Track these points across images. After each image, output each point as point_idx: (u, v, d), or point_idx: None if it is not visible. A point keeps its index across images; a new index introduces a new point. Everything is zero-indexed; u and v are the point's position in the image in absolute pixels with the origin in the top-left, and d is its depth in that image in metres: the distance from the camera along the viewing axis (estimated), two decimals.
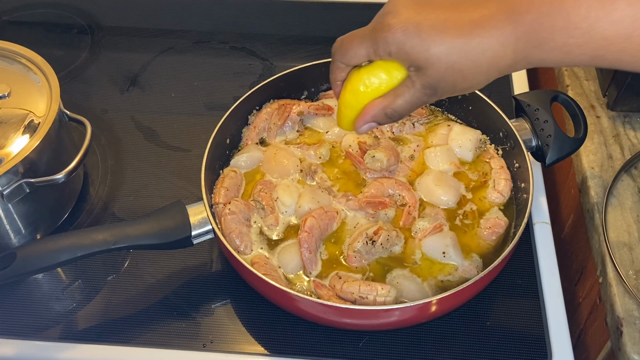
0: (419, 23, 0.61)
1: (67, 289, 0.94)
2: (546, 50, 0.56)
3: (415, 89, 0.65)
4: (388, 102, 0.68)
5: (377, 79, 0.68)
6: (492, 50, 0.58)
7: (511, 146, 0.97)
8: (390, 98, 0.68)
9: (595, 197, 0.96)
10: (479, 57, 0.59)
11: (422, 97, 0.66)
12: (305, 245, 0.87)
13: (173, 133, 1.14)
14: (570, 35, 0.54)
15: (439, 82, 0.63)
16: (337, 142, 1.02)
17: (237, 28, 1.35)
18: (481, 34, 0.58)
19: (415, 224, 0.91)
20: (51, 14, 1.39)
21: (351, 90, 0.71)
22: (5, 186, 0.87)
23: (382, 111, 0.69)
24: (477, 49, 0.59)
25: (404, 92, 0.66)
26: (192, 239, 0.87)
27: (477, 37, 0.58)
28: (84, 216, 1.02)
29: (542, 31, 0.55)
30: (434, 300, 0.79)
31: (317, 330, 0.87)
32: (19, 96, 0.96)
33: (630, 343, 0.81)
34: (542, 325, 0.87)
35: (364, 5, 1.38)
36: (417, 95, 0.66)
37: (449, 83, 0.62)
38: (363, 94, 0.70)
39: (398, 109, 0.68)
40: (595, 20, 0.53)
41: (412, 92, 0.66)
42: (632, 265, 0.88)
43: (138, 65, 1.27)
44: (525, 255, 0.94)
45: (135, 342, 0.87)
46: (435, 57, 0.60)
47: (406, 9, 0.62)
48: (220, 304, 0.91)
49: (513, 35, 0.57)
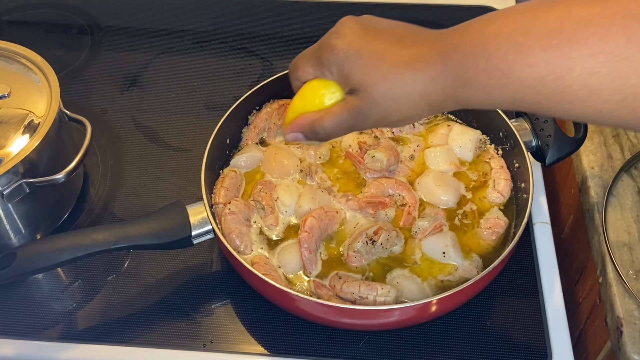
0: (360, 48, 0.64)
1: (67, 289, 0.94)
2: (471, 90, 0.58)
3: (346, 111, 0.67)
4: (317, 118, 0.69)
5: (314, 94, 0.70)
6: (423, 84, 0.61)
7: (511, 146, 0.97)
8: (321, 115, 0.69)
9: (595, 197, 0.96)
10: (411, 89, 0.61)
11: (350, 121, 0.67)
12: (305, 245, 0.87)
13: (173, 133, 1.14)
14: (491, 77, 0.56)
15: (371, 107, 0.64)
16: (337, 142, 1.01)
17: (237, 28, 1.35)
18: (415, 66, 0.61)
19: (415, 224, 0.91)
20: (51, 14, 1.39)
21: (297, 98, 0.73)
22: (5, 186, 0.87)
23: (310, 125, 0.70)
24: (410, 80, 0.61)
25: (335, 112, 0.68)
26: (192, 239, 0.87)
27: (411, 69, 0.61)
28: (84, 216, 1.02)
29: (467, 71, 0.58)
30: (434, 300, 0.79)
31: (317, 330, 0.87)
32: (19, 96, 0.96)
33: (630, 343, 0.81)
34: (542, 325, 0.87)
35: (364, 5, 1.38)
36: (346, 118, 0.67)
37: (381, 111, 0.64)
38: (302, 105, 0.72)
39: (325, 127, 0.69)
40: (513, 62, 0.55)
41: (342, 114, 0.67)
42: (632, 265, 0.88)
43: (138, 65, 1.27)
44: (525, 255, 0.94)
45: (135, 342, 0.87)
46: (370, 80, 0.63)
47: (352, 32, 0.65)
48: (220, 304, 0.91)
49: (442, 73, 0.59)
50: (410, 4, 1.38)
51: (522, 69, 0.54)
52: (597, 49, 0.50)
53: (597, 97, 0.51)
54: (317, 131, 0.70)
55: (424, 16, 1.35)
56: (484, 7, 1.33)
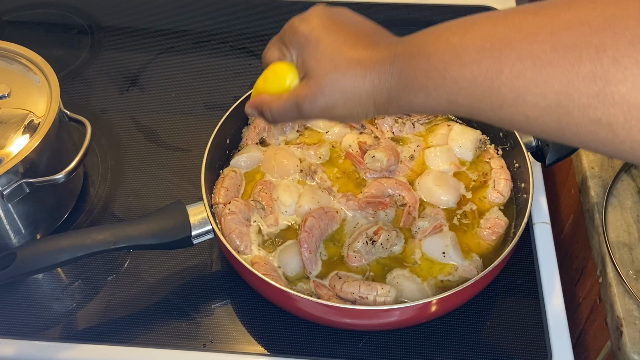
0: (321, 37, 0.66)
1: (67, 289, 0.94)
2: (411, 91, 0.60)
3: (294, 98, 0.68)
4: (268, 102, 0.71)
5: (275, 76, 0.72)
6: (371, 84, 0.62)
7: (511, 146, 0.97)
8: (272, 99, 0.71)
9: (595, 197, 0.96)
10: (360, 86, 0.63)
11: (296, 108, 0.68)
12: (305, 245, 0.87)
13: (173, 133, 1.14)
14: (429, 77, 0.58)
15: (317, 96, 0.65)
16: (337, 142, 1.02)
17: (237, 28, 1.35)
18: (366, 66, 0.62)
19: (415, 224, 0.91)
20: (51, 14, 1.39)
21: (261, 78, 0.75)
22: (5, 186, 0.87)
23: (261, 106, 0.72)
24: (360, 78, 0.62)
25: (283, 98, 0.69)
26: (192, 239, 0.87)
27: (362, 68, 0.62)
28: (84, 216, 1.02)
29: (409, 72, 0.60)
30: (434, 300, 0.79)
31: (317, 330, 0.87)
32: (19, 96, 0.96)
33: (630, 343, 0.81)
34: (542, 325, 0.87)
35: (363, 5, 1.38)
36: (292, 105, 0.68)
37: (327, 101, 0.65)
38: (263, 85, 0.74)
39: (273, 111, 0.71)
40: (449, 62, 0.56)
41: (290, 100, 0.68)
42: (632, 265, 0.88)
43: (138, 65, 1.27)
44: (525, 255, 0.94)
45: (135, 342, 0.87)
46: (322, 69, 0.65)
47: (318, 20, 0.67)
48: (220, 304, 0.91)
49: (390, 73, 0.61)
50: (411, 4, 1.38)
51: (456, 69, 0.56)
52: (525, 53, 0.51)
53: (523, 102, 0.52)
54: (265, 114, 0.72)
55: (424, 16, 1.35)
56: (484, 7, 1.33)
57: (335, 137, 1.02)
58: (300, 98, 0.67)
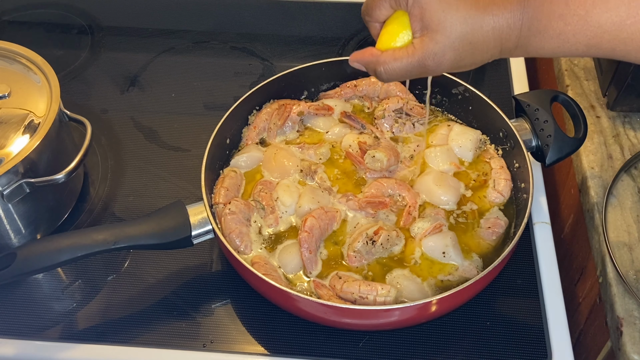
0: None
1: (67, 289, 0.94)
2: (545, 37, 0.59)
3: (416, 56, 0.65)
4: (383, 59, 0.68)
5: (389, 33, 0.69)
6: (500, 29, 0.61)
7: (511, 146, 0.97)
8: (388, 57, 0.68)
9: (595, 197, 0.96)
10: (489, 33, 0.61)
11: (418, 67, 0.66)
12: (305, 245, 0.87)
13: (173, 133, 1.14)
14: (567, 23, 0.57)
15: (445, 51, 0.63)
16: (337, 142, 1.02)
17: (237, 28, 1.35)
18: (494, 11, 0.61)
19: (415, 224, 0.91)
20: (51, 14, 1.39)
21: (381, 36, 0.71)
22: (6, 186, 0.87)
23: (374, 64, 0.70)
24: (489, 24, 0.61)
25: (402, 57, 0.66)
26: (192, 239, 0.87)
27: (491, 14, 0.61)
28: (84, 216, 1.02)
29: (543, 18, 0.58)
30: (434, 300, 0.79)
31: (317, 330, 0.87)
32: (19, 96, 0.96)
33: (630, 343, 0.81)
34: (542, 325, 0.87)
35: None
36: (414, 63, 0.66)
37: (456, 54, 0.63)
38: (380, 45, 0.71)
39: (390, 69, 0.68)
40: (592, 7, 0.56)
41: (411, 58, 0.66)
42: (632, 265, 0.88)
43: (138, 65, 1.27)
44: (525, 255, 0.94)
45: (135, 342, 0.87)
46: (449, 22, 0.62)
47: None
48: (220, 304, 0.91)
49: (519, 20, 0.60)
50: None
51: (601, 14, 0.55)
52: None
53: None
54: (379, 72, 0.69)
55: None
56: None
57: (335, 137, 1.02)
58: (426, 54, 0.64)
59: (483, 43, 0.62)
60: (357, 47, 1.29)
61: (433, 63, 0.65)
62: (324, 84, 1.10)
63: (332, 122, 1.04)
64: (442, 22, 0.62)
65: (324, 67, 1.07)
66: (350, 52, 1.26)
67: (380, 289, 0.82)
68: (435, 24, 0.63)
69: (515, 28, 0.60)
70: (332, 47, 1.30)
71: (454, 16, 0.62)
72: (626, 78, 1.00)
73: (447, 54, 0.63)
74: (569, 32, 0.57)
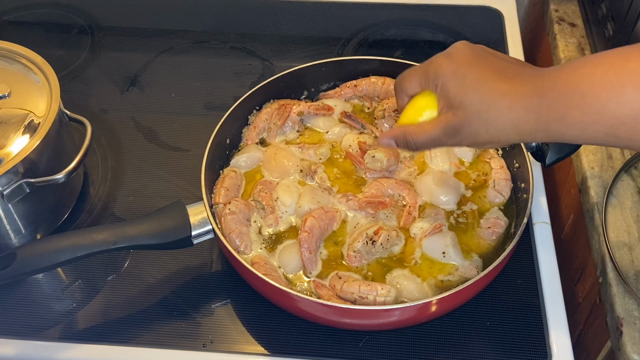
0: (467, 72, 0.70)
1: (67, 289, 0.94)
2: (565, 125, 0.63)
3: (441, 128, 0.73)
4: (412, 132, 0.76)
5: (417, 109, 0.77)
6: (516, 114, 0.66)
7: (511, 146, 0.97)
8: (416, 129, 0.76)
9: (595, 197, 0.96)
10: (504, 114, 0.67)
11: (442, 137, 0.73)
12: (305, 245, 0.87)
13: (173, 133, 1.14)
14: (585, 113, 0.61)
15: (463, 125, 0.70)
16: (337, 142, 1.02)
17: (237, 28, 1.35)
18: (511, 97, 0.66)
19: (415, 224, 0.91)
20: (51, 14, 1.39)
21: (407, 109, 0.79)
22: (5, 186, 0.87)
23: (404, 137, 0.77)
24: (504, 107, 0.66)
25: (429, 128, 0.74)
26: (192, 239, 0.87)
27: (508, 99, 0.66)
28: (84, 216, 1.02)
29: (561, 107, 0.62)
30: (434, 300, 0.79)
31: (317, 330, 0.87)
32: (19, 96, 0.96)
33: (630, 343, 0.81)
34: (542, 325, 0.87)
35: (363, 5, 1.38)
36: (438, 134, 0.73)
37: (472, 129, 0.69)
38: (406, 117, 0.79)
39: (417, 141, 0.76)
40: (606, 101, 0.59)
41: (435, 130, 0.73)
42: (632, 265, 0.88)
43: (138, 65, 1.27)
44: (525, 255, 0.94)
45: (135, 342, 0.87)
46: (468, 101, 0.69)
47: (463, 56, 0.72)
48: (220, 304, 0.91)
49: (537, 106, 0.64)
50: (411, 4, 1.38)
51: (615, 107, 0.58)
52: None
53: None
54: (408, 144, 0.77)
55: (424, 16, 1.35)
56: (484, 7, 1.33)
57: (335, 137, 1.02)
58: (447, 128, 0.72)
59: (497, 122, 0.67)
60: (357, 47, 1.29)
61: (452, 137, 0.72)
62: (324, 84, 1.10)
63: (332, 122, 1.04)
64: (461, 102, 0.70)
65: (324, 67, 1.07)
66: (351, 52, 1.28)
67: (380, 289, 0.82)
68: (457, 102, 0.70)
69: (532, 112, 0.65)
70: (332, 47, 1.30)
71: (473, 97, 0.69)
72: None
73: (464, 128, 0.70)
74: (588, 121, 0.61)
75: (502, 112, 0.67)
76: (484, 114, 0.68)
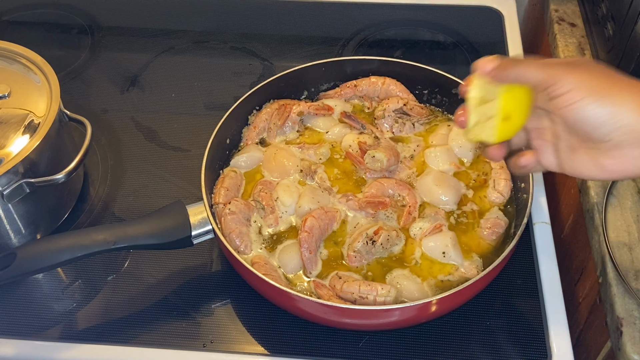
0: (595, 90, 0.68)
1: (67, 289, 0.94)
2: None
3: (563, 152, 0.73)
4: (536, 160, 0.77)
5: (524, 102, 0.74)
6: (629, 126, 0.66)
7: None
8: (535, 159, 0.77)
9: (595, 197, 0.96)
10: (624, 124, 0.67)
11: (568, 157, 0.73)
12: (305, 245, 0.87)
13: (173, 133, 1.14)
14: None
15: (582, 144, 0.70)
16: (337, 142, 1.02)
17: (237, 28, 1.35)
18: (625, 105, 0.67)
19: (415, 224, 0.91)
20: (51, 14, 1.39)
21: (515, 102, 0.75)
22: (5, 186, 0.87)
23: (535, 164, 0.77)
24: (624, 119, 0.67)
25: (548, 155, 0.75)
26: (192, 239, 0.87)
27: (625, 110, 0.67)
28: (84, 216, 1.02)
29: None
30: (434, 300, 0.79)
31: (317, 330, 0.87)
32: (19, 96, 0.96)
33: (630, 343, 0.81)
34: (542, 325, 0.87)
35: (363, 5, 1.38)
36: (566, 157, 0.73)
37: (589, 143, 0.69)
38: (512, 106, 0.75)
39: (545, 165, 0.76)
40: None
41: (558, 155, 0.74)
42: (632, 265, 0.88)
43: (138, 65, 1.27)
44: (525, 255, 0.94)
45: (135, 342, 0.87)
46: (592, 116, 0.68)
47: (589, 67, 0.70)
48: (220, 304, 0.91)
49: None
50: (411, 4, 1.38)
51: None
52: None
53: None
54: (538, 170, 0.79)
55: (424, 16, 1.35)
56: (484, 7, 1.33)
57: (335, 137, 1.02)
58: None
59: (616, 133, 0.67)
60: (357, 47, 1.29)
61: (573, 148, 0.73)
62: (324, 84, 1.10)
63: (332, 122, 1.04)
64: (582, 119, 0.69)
65: (324, 67, 1.07)
66: (351, 52, 1.28)
67: (380, 289, 0.82)
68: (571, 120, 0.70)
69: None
70: (332, 47, 1.30)
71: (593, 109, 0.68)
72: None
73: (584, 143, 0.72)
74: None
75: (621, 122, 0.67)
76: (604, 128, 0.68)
